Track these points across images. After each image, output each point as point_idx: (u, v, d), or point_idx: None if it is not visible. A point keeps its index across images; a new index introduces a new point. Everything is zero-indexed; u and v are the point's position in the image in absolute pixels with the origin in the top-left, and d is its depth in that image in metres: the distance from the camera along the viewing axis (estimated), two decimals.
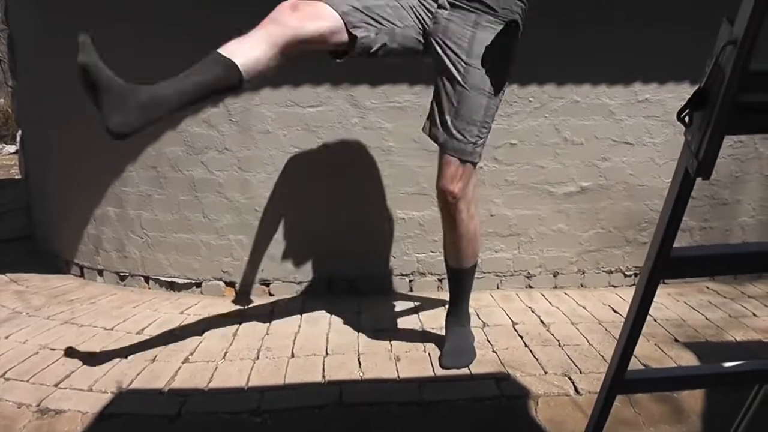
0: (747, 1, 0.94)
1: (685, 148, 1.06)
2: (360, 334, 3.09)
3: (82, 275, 4.25)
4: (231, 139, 3.59)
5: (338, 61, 2.50)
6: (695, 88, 3.27)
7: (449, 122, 2.52)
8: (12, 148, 12.98)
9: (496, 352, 2.80)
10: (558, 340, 2.97)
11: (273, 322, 3.30)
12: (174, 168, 3.69)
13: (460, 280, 2.80)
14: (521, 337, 3.01)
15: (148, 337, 3.13)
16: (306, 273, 3.70)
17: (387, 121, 3.54)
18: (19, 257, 4.81)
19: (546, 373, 2.64)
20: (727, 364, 1.43)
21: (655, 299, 1.23)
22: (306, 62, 3.46)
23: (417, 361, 2.77)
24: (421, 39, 2.52)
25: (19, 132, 5.55)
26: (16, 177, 8.66)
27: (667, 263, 1.18)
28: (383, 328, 3.15)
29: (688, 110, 1.03)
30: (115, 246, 3.98)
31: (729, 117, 0.97)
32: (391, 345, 2.95)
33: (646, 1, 3.51)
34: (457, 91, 2.51)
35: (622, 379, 1.38)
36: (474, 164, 2.56)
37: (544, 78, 3.55)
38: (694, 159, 1.02)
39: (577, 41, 3.51)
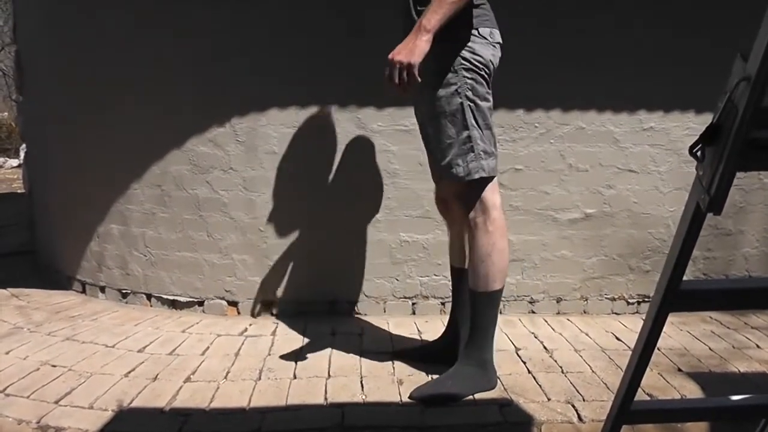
0: (761, 37, 0.95)
1: (697, 183, 1.06)
2: (362, 356, 3.08)
3: (84, 291, 4.25)
4: (236, 158, 3.60)
5: None
6: (700, 117, 3.31)
7: (437, 156, 2.60)
8: (15, 162, 13.03)
9: (499, 378, 2.78)
10: (561, 367, 2.96)
11: (275, 342, 3.29)
12: (179, 186, 3.70)
13: (472, 305, 2.67)
14: (524, 363, 3.00)
15: (149, 356, 3.12)
16: (309, 294, 3.69)
17: (393, 144, 3.55)
18: (22, 272, 4.82)
19: (549, 399, 2.62)
20: (734, 397, 1.43)
21: None
22: (313, 83, 3.51)
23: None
24: None
25: (23, 146, 5.57)
26: (19, 191, 8.68)
27: (676, 296, 1.18)
28: (386, 351, 3.14)
29: (700, 145, 1.04)
30: (118, 263, 3.98)
31: (741, 153, 0.98)
32: (393, 368, 2.94)
33: (652, 30, 3.54)
34: (429, 126, 2.61)
35: (628, 409, 1.38)
36: (471, 182, 2.53)
37: (550, 104, 3.56)
38: (706, 194, 1.02)
39: (583, 68, 3.53)
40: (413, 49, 2.30)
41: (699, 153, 1.04)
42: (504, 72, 2.60)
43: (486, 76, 2.50)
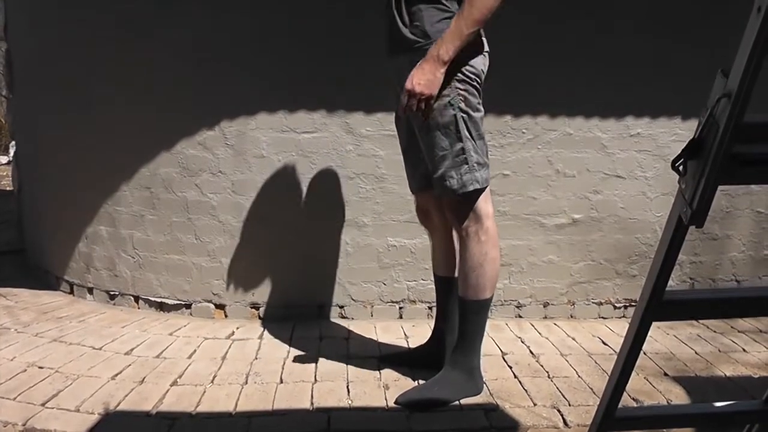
0: (741, 54, 0.96)
1: (679, 196, 1.07)
2: (349, 360, 3.08)
3: (71, 292, 4.24)
4: (225, 162, 3.60)
5: None
6: (687, 123, 3.33)
7: (430, 167, 2.55)
8: (4, 159, 12.89)
9: (485, 383, 2.79)
10: (547, 372, 2.98)
11: (262, 346, 3.29)
12: (168, 189, 3.70)
13: (461, 312, 2.67)
14: (510, 368, 3.01)
15: (136, 358, 3.11)
16: (296, 298, 3.69)
17: (381, 149, 3.56)
18: (10, 271, 4.81)
19: (535, 404, 2.64)
20: (719, 404, 1.45)
21: None
22: (302, 88, 3.51)
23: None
24: None
25: (12, 143, 5.56)
26: (8, 188, 8.62)
27: (659, 306, 1.19)
28: (372, 356, 3.14)
29: (682, 159, 1.05)
30: (106, 264, 3.97)
31: (722, 168, 0.99)
32: (380, 373, 2.95)
33: (640, 37, 3.56)
34: (421, 137, 2.56)
35: (612, 416, 1.39)
36: (465, 194, 2.50)
37: (538, 110, 3.58)
38: (688, 207, 1.03)
39: (571, 74, 3.55)
40: (433, 81, 2.33)
41: (681, 167, 1.06)
42: (491, 78, 2.60)
43: (478, 86, 2.48)
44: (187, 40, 3.58)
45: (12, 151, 5.69)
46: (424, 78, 2.32)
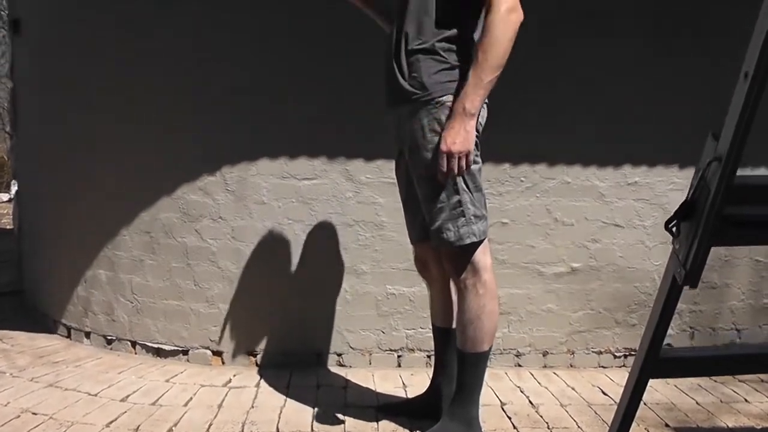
0: (730, 118, 0.98)
1: (673, 257, 1.08)
2: (346, 410, 3.06)
3: (69, 336, 4.21)
4: (226, 208, 3.62)
5: None
6: (684, 172, 3.35)
7: (427, 218, 2.55)
8: (5, 197, 12.88)
9: None
10: (547, 423, 2.95)
11: (259, 394, 3.27)
12: (168, 234, 3.71)
13: (460, 364, 2.63)
14: (509, 418, 2.99)
15: (132, 405, 3.09)
16: (294, 345, 3.67)
17: (381, 196, 3.58)
18: (7, 313, 4.78)
19: None
20: None
21: None
22: (303, 135, 3.55)
23: None
24: None
25: (14, 181, 5.57)
26: (8, 227, 8.62)
27: (656, 364, 1.20)
28: (370, 405, 3.12)
29: (675, 221, 1.06)
30: (104, 309, 3.96)
31: (714, 229, 1.00)
32: (377, 423, 2.92)
33: (636, 85, 3.61)
34: (419, 187, 2.55)
35: None
36: (462, 246, 2.48)
37: (536, 158, 3.61)
38: (682, 268, 1.04)
39: (568, 122, 3.58)
40: (466, 137, 2.32)
41: (674, 228, 1.07)
42: (490, 127, 2.61)
43: (476, 138, 2.46)
44: (188, 82, 3.64)
45: (14, 189, 5.70)
46: (458, 137, 2.31)
